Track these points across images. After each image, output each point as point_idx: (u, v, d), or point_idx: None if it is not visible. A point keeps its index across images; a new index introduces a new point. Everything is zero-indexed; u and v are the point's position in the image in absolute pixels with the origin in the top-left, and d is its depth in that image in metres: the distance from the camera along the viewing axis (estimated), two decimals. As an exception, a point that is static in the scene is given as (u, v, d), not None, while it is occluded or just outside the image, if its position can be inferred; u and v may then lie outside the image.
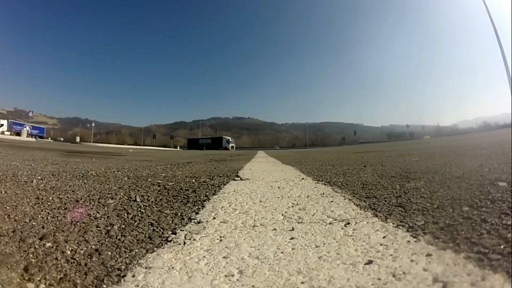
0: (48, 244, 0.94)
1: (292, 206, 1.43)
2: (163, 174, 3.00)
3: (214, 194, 1.86)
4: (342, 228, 1.04)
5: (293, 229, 1.05)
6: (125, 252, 0.90)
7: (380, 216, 1.16)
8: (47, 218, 1.24)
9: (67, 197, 1.69)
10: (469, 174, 2.04)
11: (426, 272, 0.65)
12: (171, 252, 0.87)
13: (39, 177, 2.35)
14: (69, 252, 0.89)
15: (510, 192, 1.37)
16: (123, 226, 1.17)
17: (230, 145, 55.23)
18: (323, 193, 1.76)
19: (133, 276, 0.73)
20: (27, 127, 40.76)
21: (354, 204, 1.41)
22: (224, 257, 0.82)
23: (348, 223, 1.09)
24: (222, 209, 1.42)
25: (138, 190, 1.98)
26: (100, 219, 1.26)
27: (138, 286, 0.68)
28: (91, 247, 0.94)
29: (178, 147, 58.95)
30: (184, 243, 0.95)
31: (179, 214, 1.36)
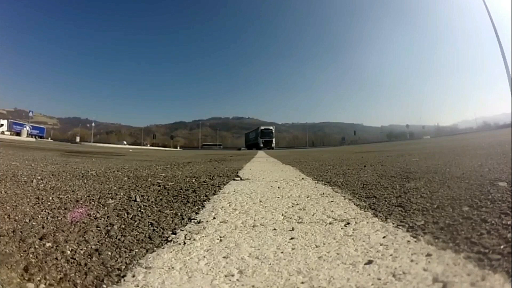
0: (48, 244, 0.94)
1: (292, 206, 1.43)
2: (163, 174, 3.00)
3: (214, 194, 1.86)
4: (342, 228, 1.04)
5: (293, 229, 1.05)
6: (125, 252, 0.90)
7: (380, 216, 1.16)
8: (47, 218, 1.24)
9: (67, 197, 1.69)
10: (469, 174, 2.04)
11: (426, 272, 0.65)
12: (171, 252, 0.87)
13: (39, 177, 2.35)
14: (69, 252, 0.89)
15: (510, 192, 1.37)
16: (123, 226, 1.17)
17: (263, 139, 37.25)
18: (323, 193, 1.76)
19: (133, 276, 0.73)
20: (27, 127, 40.73)
21: (354, 204, 1.41)
22: (224, 257, 0.82)
23: (348, 223, 1.09)
24: (222, 209, 1.42)
25: (138, 190, 1.98)
26: (100, 219, 1.26)
27: (138, 286, 0.68)
28: (91, 247, 0.94)
29: (178, 147, 58.51)
30: (184, 243, 0.95)
31: (179, 214, 1.36)
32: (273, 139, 39.65)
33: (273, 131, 40.85)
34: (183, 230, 1.09)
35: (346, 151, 9.90)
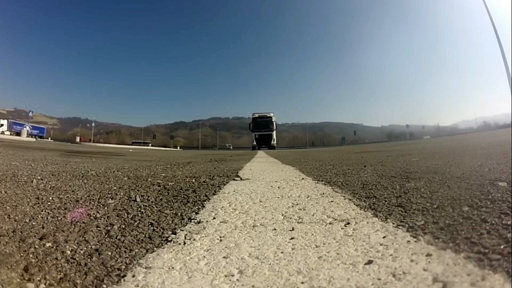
0: (48, 244, 0.94)
1: (292, 206, 1.43)
2: (163, 174, 3.00)
3: (214, 194, 1.86)
4: (342, 228, 1.04)
5: (293, 229, 1.05)
6: (125, 252, 0.90)
7: (380, 216, 1.16)
8: (47, 218, 1.24)
9: (67, 197, 1.69)
10: (469, 174, 2.04)
11: (426, 272, 0.65)
12: (171, 252, 0.87)
13: (39, 177, 2.35)
14: (69, 252, 0.89)
15: (510, 192, 1.37)
16: (123, 226, 1.17)
17: (258, 133, 24.60)
18: (323, 193, 1.76)
19: (133, 276, 0.73)
20: (27, 127, 40.74)
21: (354, 204, 1.41)
22: (224, 257, 0.82)
23: (348, 223, 1.09)
24: (222, 209, 1.42)
25: (138, 190, 1.98)
26: (100, 219, 1.26)
27: (138, 286, 0.68)
28: (91, 247, 0.94)
29: (178, 147, 58.39)
30: (184, 243, 0.95)
31: (179, 214, 1.36)
32: (274, 133, 24.64)
33: (273, 120, 25.60)
34: (183, 230, 1.09)
35: (346, 151, 9.90)
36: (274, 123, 26.10)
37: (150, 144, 56.11)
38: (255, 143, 25.05)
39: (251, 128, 26.20)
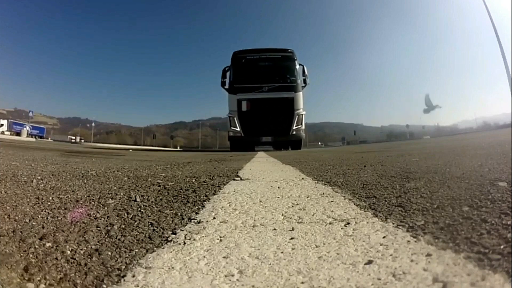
0: (48, 244, 0.94)
1: (292, 206, 1.43)
2: (163, 174, 3.00)
3: (214, 194, 1.86)
4: (342, 228, 1.04)
5: (293, 229, 1.05)
6: (125, 252, 0.90)
7: (380, 216, 1.16)
8: (47, 218, 1.24)
9: (67, 197, 1.69)
10: (469, 174, 2.04)
11: (426, 272, 0.65)
12: (171, 252, 0.87)
13: (39, 177, 2.35)
14: (69, 252, 0.89)
15: (510, 192, 1.37)
16: (123, 226, 1.17)
17: (242, 100, 10.28)
18: (323, 193, 1.76)
19: (133, 276, 0.73)
20: (27, 127, 40.79)
21: (354, 204, 1.41)
22: (224, 257, 0.82)
23: (348, 223, 1.09)
24: (222, 209, 1.42)
25: (138, 190, 1.98)
26: (100, 219, 1.26)
27: (138, 286, 0.68)
28: (91, 247, 0.94)
29: (178, 147, 58.41)
30: (184, 243, 0.95)
31: (179, 214, 1.36)
32: (300, 97, 11.66)
33: (296, 61, 11.36)
34: (183, 230, 1.09)
35: (346, 151, 9.89)
36: (302, 69, 12.05)
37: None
38: (238, 128, 11.12)
39: (228, 83, 11.76)
